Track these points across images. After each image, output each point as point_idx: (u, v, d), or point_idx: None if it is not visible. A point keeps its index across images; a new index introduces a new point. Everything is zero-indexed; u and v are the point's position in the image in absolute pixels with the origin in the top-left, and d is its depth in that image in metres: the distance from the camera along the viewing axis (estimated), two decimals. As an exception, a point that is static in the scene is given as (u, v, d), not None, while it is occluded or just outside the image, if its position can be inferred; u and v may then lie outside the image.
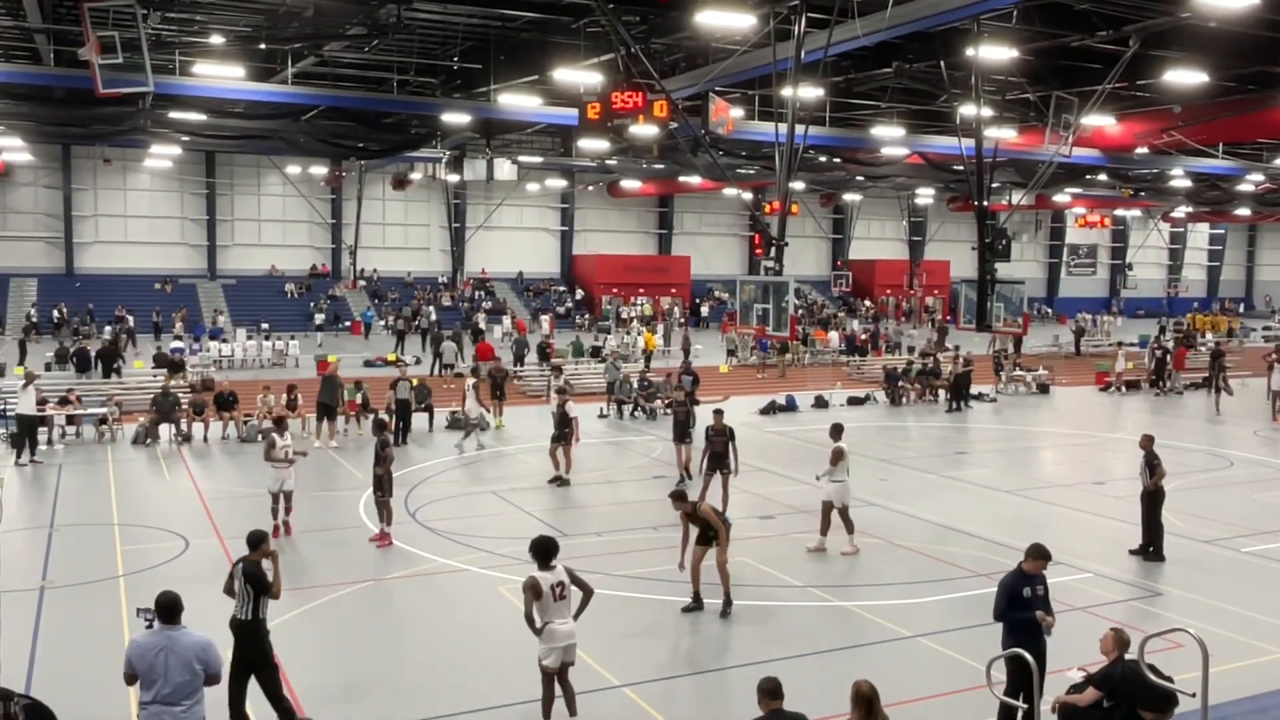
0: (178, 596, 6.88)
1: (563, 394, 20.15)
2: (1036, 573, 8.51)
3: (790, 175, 21.15)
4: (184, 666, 6.58)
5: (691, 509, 11.53)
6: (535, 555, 8.42)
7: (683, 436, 18.36)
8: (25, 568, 12.99)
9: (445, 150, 40.85)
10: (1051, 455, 23.05)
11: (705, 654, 10.65)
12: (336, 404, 22.31)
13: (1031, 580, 8.46)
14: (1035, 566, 8.52)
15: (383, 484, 14.21)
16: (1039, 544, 8.67)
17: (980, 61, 20.74)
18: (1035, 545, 8.66)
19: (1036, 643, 8.14)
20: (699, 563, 11.52)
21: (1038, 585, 8.44)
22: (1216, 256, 76.81)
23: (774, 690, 6.56)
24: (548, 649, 8.25)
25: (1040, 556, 8.53)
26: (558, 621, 8.25)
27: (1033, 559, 8.55)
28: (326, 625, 11.34)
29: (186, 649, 6.63)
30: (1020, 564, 8.61)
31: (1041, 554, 8.54)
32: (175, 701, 6.57)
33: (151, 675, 6.58)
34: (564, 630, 8.26)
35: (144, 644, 6.68)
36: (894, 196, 61.22)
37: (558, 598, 8.23)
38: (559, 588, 8.26)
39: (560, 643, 8.24)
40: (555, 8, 21.84)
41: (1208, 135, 29.97)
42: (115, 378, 28.30)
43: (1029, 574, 8.48)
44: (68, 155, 46.75)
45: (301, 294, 49.73)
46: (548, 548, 8.43)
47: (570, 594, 8.35)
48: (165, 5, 21.59)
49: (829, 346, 39.51)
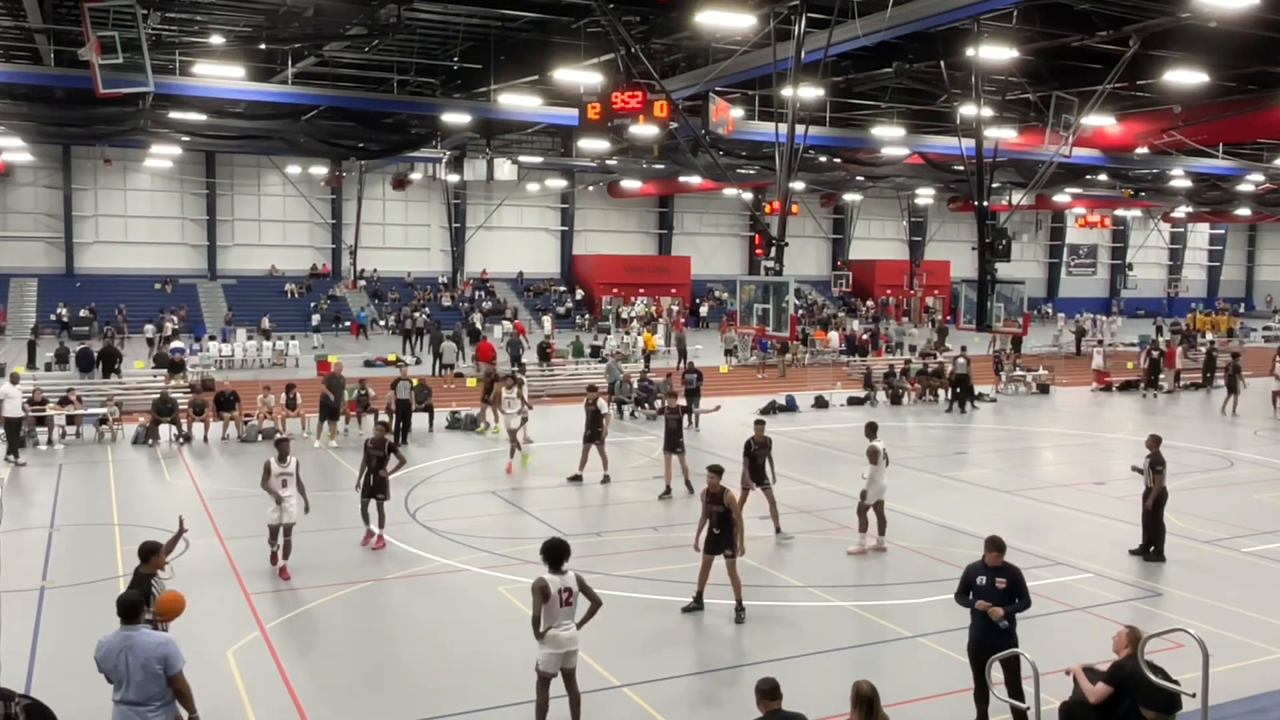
0: (138, 596, 6.90)
1: (593, 391, 19.46)
2: (995, 564, 8.57)
3: (790, 175, 21.14)
4: (143, 667, 6.53)
5: (721, 490, 11.25)
6: (546, 558, 8.30)
7: (673, 445, 17.37)
8: (25, 568, 12.98)
9: (445, 150, 40.86)
10: (1052, 455, 23.05)
11: (706, 654, 10.64)
12: (339, 404, 22.33)
13: (989, 571, 8.55)
14: (992, 558, 8.61)
15: (385, 487, 14.18)
16: (995, 536, 8.75)
17: (980, 61, 20.75)
18: (991, 537, 8.74)
19: (985, 631, 8.32)
20: (708, 568, 11.42)
21: (996, 577, 8.50)
22: (1217, 256, 76.84)
23: (771, 691, 6.56)
24: (547, 654, 8.18)
25: (995, 548, 8.62)
26: (560, 627, 8.16)
27: (988, 550, 8.65)
28: (327, 625, 11.34)
29: (144, 649, 6.58)
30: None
31: (995, 545, 8.63)
32: (141, 703, 6.53)
33: (116, 676, 6.59)
34: (565, 637, 8.18)
35: (107, 644, 6.69)
36: (894, 196, 61.22)
37: (563, 603, 8.14)
38: (566, 593, 8.17)
39: (560, 649, 8.17)
40: (555, 8, 21.84)
41: (1208, 135, 29.97)
42: (115, 378, 28.29)
43: (988, 565, 8.58)
44: (68, 155, 46.77)
45: (302, 294, 49.75)
46: (559, 551, 8.31)
47: (576, 601, 8.25)
48: (165, 5, 21.61)
49: (829, 346, 39.52)
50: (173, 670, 6.61)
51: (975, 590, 8.55)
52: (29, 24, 22.39)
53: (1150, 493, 13.85)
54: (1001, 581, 8.48)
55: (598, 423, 18.32)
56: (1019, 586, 8.52)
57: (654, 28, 22.33)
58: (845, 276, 61.14)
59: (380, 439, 14.41)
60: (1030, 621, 11.48)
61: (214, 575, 12.91)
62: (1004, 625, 8.35)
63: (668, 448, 17.51)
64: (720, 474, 11.48)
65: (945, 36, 21.84)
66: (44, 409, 22.27)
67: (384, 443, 14.39)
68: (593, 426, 18.33)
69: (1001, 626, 8.34)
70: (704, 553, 11.42)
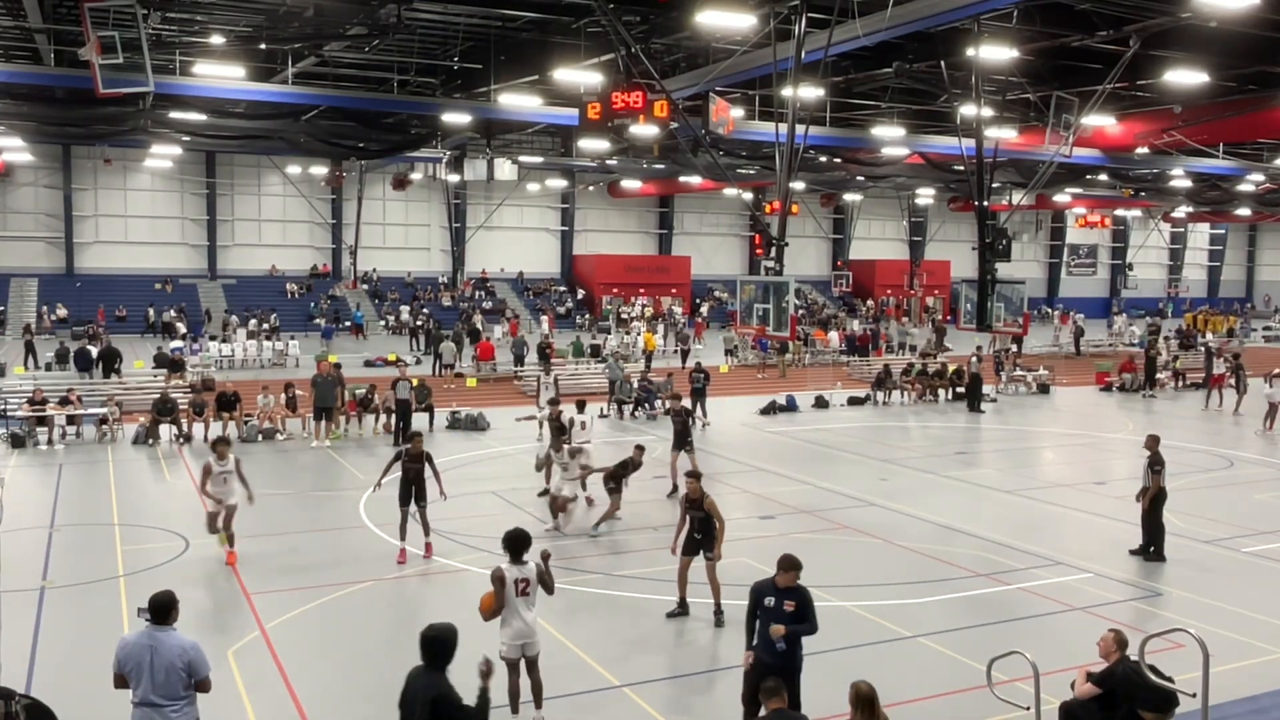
0: (173, 597, 6.77)
1: (554, 405, 18.38)
2: (786, 585, 7.95)
3: (790, 175, 21.14)
4: (168, 668, 6.52)
5: (702, 495, 11.23)
6: (507, 548, 8.50)
7: (681, 444, 17.90)
8: (25, 568, 12.98)
9: (445, 150, 40.86)
10: (1052, 455, 23.05)
11: (706, 654, 10.64)
12: (333, 404, 22.35)
13: (779, 593, 7.94)
14: (786, 579, 7.96)
15: (424, 493, 13.55)
16: (789, 555, 8.09)
17: (980, 61, 20.74)
18: (785, 556, 8.08)
19: (773, 655, 7.79)
20: (686, 570, 11.42)
21: (785, 599, 7.88)
22: (1217, 256, 76.85)
23: (776, 690, 6.57)
24: (508, 643, 8.41)
25: (790, 568, 7.97)
26: (517, 616, 8.37)
27: (783, 570, 8.00)
28: (327, 625, 11.33)
29: (170, 650, 6.55)
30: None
31: (790, 565, 7.97)
32: (162, 703, 6.51)
33: (138, 675, 6.56)
34: (520, 627, 8.37)
35: (131, 643, 6.65)
36: (894, 196, 61.22)
37: (520, 593, 8.35)
38: (523, 584, 8.37)
39: (518, 639, 8.39)
40: (555, 8, 21.84)
41: (1208, 135, 29.97)
42: (115, 378, 28.30)
43: (779, 586, 7.98)
44: (68, 155, 46.78)
45: (302, 294, 49.76)
46: (520, 541, 8.50)
47: (534, 592, 8.45)
48: (165, 5, 21.59)
49: (829, 346, 39.52)
50: (199, 675, 6.63)
51: (763, 611, 7.95)
52: (29, 24, 22.39)
53: (1148, 492, 13.85)
54: (790, 604, 7.87)
55: (562, 432, 17.38)
56: (807, 610, 7.92)
57: (654, 28, 22.32)
58: (845, 276, 61.16)
59: (418, 451, 13.56)
60: (1030, 621, 11.55)
61: (214, 575, 12.92)
62: (781, 647, 7.80)
63: (676, 446, 17.96)
64: (700, 479, 11.54)
65: (945, 36, 21.84)
66: (44, 409, 22.27)
67: (421, 454, 13.57)
68: (556, 437, 17.50)
69: (778, 648, 7.80)
70: (682, 554, 11.40)
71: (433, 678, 6.25)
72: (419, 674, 6.38)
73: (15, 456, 20.72)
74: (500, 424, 24.24)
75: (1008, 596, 12.41)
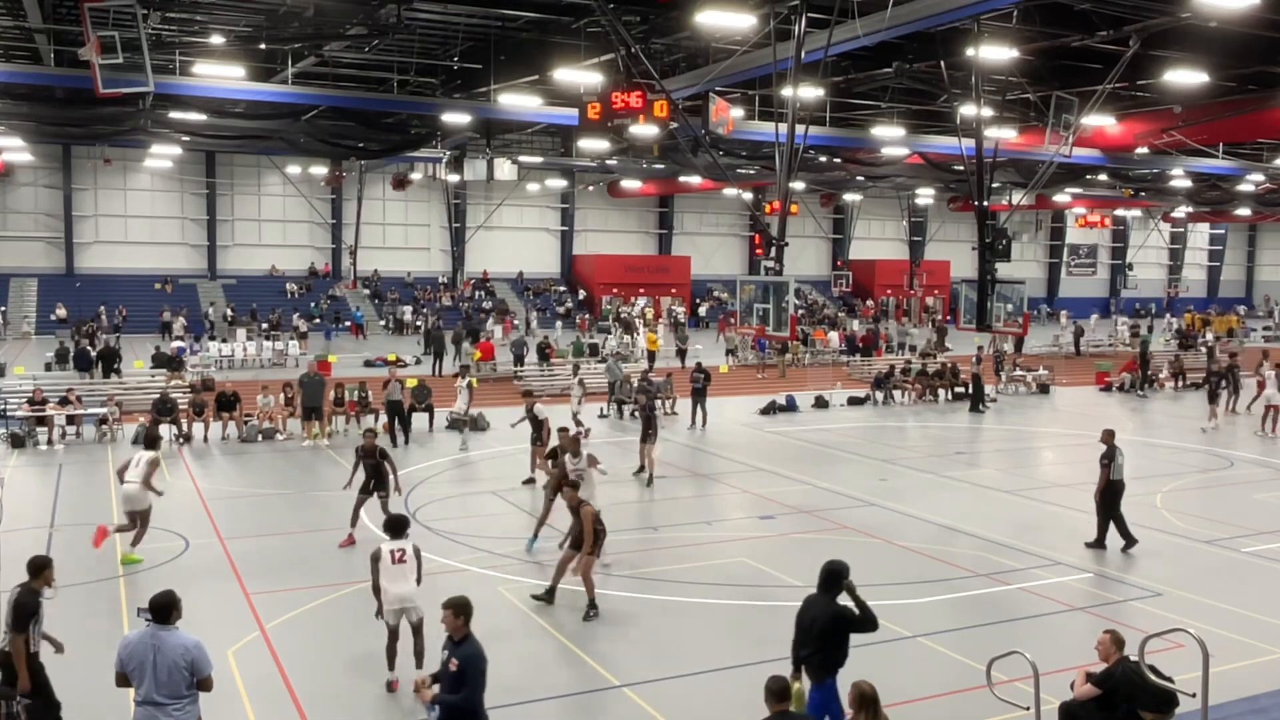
0: (174, 597, 6.81)
1: (530, 397, 19.08)
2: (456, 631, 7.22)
3: (790, 175, 21.14)
4: (171, 667, 6.54)
5: (579, 503, 11.75)
6: (388, 530, 9.89)
7: (645, 437, 18.66)
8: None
9: (445, 150, 40.85)
10: (1051, 455, 23.04)
11: (706, 654, 10.63)
12: (320, 404, 22.41)
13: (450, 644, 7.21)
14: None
15: (385, 484, 14.19)
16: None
17: (980, 61, 20.73)
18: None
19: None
20: (567, 562, 11.78)
21: (450, 657, 7.17)
22: (1217, 256, 76.85)
23: (781, 691, 6.51)
24: (388, 609, 9.39)
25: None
26: (393, 584, 9.31)
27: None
28: (326, 625, 11.33)
29: (173, 649, 6.58)
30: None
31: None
32: (165, 702, 6.53)
33: (141, 674, 6.58)
34: (395, 594, 9.31)
35: (134, 642, 6.67)
36: (894, 196, 61.22)
37: (395, 561, 9.34)
38: (399, 553, 9.37)
39: (393, 605, 9.33)
40: (555, 8, 21.84)
41: (1208, 135, 29.96)
42: (115, 378, 28.30)
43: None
44: (68, 155, 46.77)
45: (302, 294, 49.76)
46: (400, 524, 9.74)
47: (410, 560, 9.41)
48: (165, 5, 21.60)
49: (829, 346, 39.53)
50: (201, 674, 6.66)
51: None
52: (29, 24, 22.39)
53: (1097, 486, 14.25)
54: (453, 664, 7.12)
55: (539, 428, 17.96)
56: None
57: (654, 28, 22.33)
58: (845, 276, 61.16)
59: (370, 447, 14.12)
60: (1030, 621, 11.56)
61: (214, 575, 12.92)
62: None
63: (643, 440, 18.76)
64: (577, 489, 12.14)
65: (945, 36, 21.84)
66: (44, 409, 22.27)
67: (374, 450, 14.13)
68: (536, 431, 18.09)
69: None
70: (569, 548, 11.85)
71: (829, 599, 7.70)
72: (815, 600, 7.80)
73: (15, 456, 20.71)
74: (500, 424, 24.22)
75: (1008, 596, 12.41)
